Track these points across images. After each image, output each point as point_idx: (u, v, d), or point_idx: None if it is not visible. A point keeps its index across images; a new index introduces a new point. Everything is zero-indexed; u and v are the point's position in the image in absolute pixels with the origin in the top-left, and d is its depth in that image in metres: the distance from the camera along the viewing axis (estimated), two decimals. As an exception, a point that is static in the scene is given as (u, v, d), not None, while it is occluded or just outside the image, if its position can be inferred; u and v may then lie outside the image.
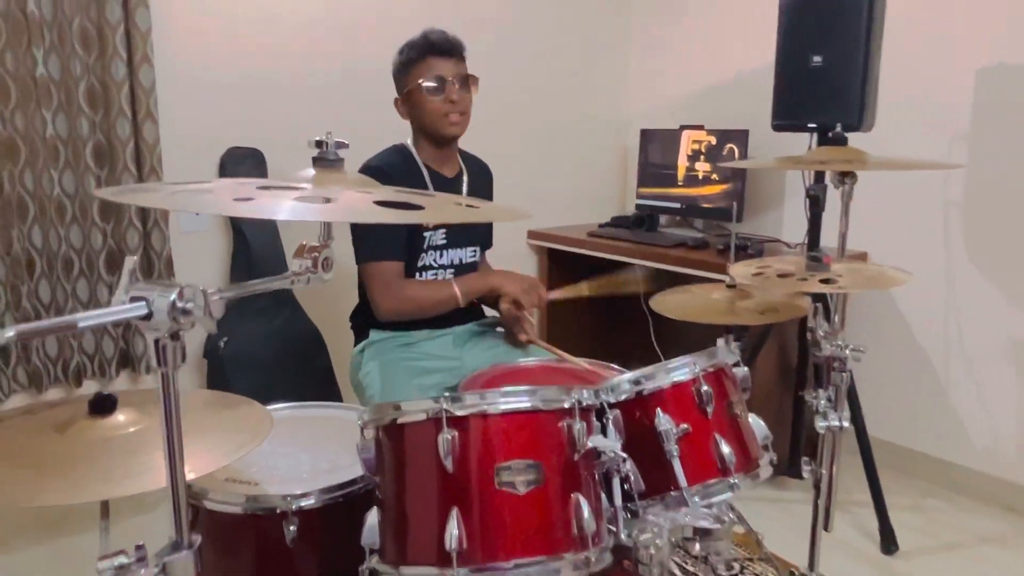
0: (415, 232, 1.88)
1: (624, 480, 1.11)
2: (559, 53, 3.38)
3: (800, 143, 2.48)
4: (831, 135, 1.40)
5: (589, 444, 1.06)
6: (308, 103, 2.69)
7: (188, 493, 1.26)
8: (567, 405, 1.04)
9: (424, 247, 1.92)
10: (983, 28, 2.47)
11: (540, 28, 3.29)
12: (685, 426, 1.14)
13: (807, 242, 2.43)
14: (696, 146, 3.12)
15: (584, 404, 1.07)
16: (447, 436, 0.98)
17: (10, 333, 0.59)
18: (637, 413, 1.18)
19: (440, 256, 1.94)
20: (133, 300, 0.66)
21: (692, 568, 1.54)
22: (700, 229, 3.26)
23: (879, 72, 2.30)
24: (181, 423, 0.73)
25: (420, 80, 1.84)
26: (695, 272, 2.68)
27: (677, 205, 3.21)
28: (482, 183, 2.11)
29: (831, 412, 1.42)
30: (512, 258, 2.35)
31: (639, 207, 3.32)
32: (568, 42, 3.40)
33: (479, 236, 2.07)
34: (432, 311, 1.89)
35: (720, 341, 1.98)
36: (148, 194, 0.71)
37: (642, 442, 1.16)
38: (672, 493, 1.14)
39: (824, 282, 1.22)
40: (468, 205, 0.89)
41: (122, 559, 0.77)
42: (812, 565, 1.69)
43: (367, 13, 2.78)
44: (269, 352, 2.56)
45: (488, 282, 1.92)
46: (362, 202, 0.73)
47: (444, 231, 1.92)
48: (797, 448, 2.63)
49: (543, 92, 3.35)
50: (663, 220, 3.34)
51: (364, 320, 1.96)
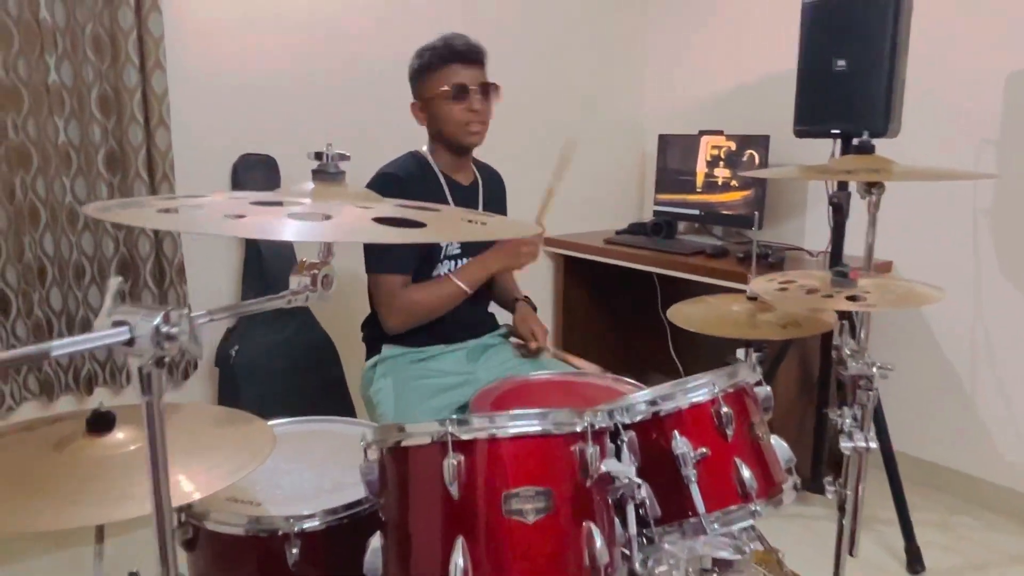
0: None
1: (639, 505, 1.06)
2: (575, 56, 3.33)
3: (823, 149, 2.43)
4: (858, 143, 1.35)
5: (603, 468, 1.01)
6: (322, 109, 2.67)
7: (189, 513, 1.24)
8: (579, 429, 0.99)
9: (440, 257, 1.88)
10: (1014, 30, 2.39)
11: (555, 31, 3.25)
12: (704, 450, 1.09)
13: (830, 251, 2.38)
14: (715, 152, 3.06)
15: (597, 427, 1.02)
16: (452, 461, 0.93)
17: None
18: (653, 434, 1.13)
19: (455, 265, 1.90)
20: (116, 324, 0.62)
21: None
22: (719, 237, 3.20)
23: (905, 76, 2.23)
24: (167, 453, 0.69)
25: (441, 87, 1.79)
26: (714, 281, 2.63)
27: (696, 212, 3.16)
28: (496, 191, 2.07)
29: (857, 432, 1.36)
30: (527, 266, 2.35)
31: (657, 214, 3.27)
32: (584, 45, 3.35)
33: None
34: (442, 310, 1.85)
35: (740, 352, 1.92)
36: (134, 211, 0.68)
37: (658, 465, 1.11)
38: (690, 519, 1.09)
39: (851, 299, 1.16)
40: (478, 221, 0.84)
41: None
42: (836, 587, 1.63)
43: (381, 18, 2.74)
44: (281, 362, 2.53)
45: (487, 266, 1.87)
46: (360, 220, 0.69)
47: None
48: (819, 463, 2.56)
49: (559, 96, 3.30)
50: (681, 227, 3.28)
51: (376, 332, 1.92)
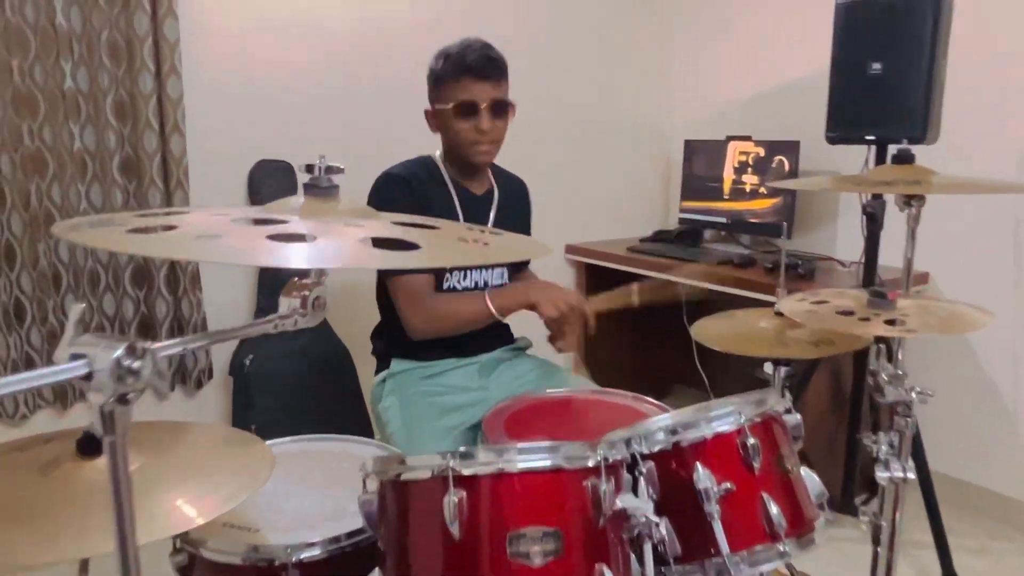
0: None
1: (657, 543, 0.98)
2: (599, 60, 3.25)
3: (856, 155, 2.33)
4: (897, 153, 1.26)
5: (618, 505, 0.93)
6: (340, 115, 2.62)
7: (184, 538, 1.19)
8: (591, 464, 0.91)
9: (448, 267, 1.81)
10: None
11: (579, 34, 3.17)
12: (728, 485, 1.01)
13: (863, 262, 2.28)
14: (743, 158, 2.97)
15: (612, 461, 0.95)
16: (454, 498, 0.86)
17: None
18: (673, 464, 1.06)
19: (464, 277, 1.83)
20: (74, 357, 0.56)
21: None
22: (747, 245, 3.10)
23: (945, 80, 2.13)
24: (132, 498, 0.63)
25: (450, 103, 1.70)
26: (741, 292, 2.54)
27: (723, 220, 3.06)
28: (515, 202, 1.97)
29: (894, 460, 1.27)
30: (548, 273, 2.27)
31: (682, 221, 3.18)
32: (609, 49, 3.28)
33: None
34: (467, 327, 1.77)
35: (768, 366, 1.83)
36: (103, 231, 0.62)
37: (679, 498, 1.03)
38: (713, 559, 1.01)
39: (889, 323, 1.07)
40: (480, 241, 0.77)
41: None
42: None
43: (399, 23, 2.69)
44: (295, 371, 2.49)
45: (528, 297, 1.75)
46: (348, 241, 0.63)
47: None
48: (851, 483, 2.46)
49: (582, 100, 3.23)
50: (707, 235, 3.20)
51: (385, 344, 1.87)
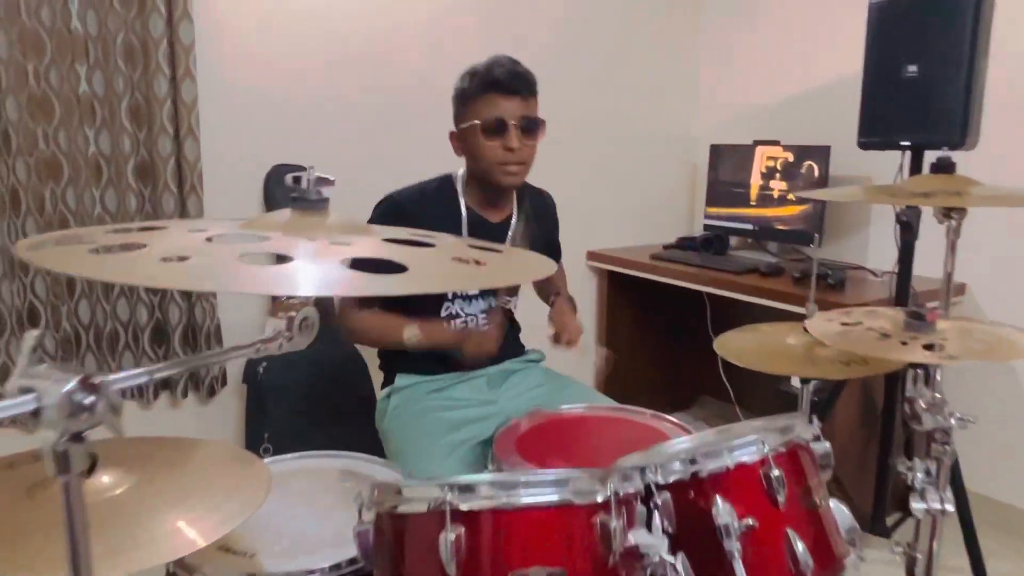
0: None
1: (673, 581, 0.91)
2: (623, 63, 3.18)
3: (889, 161, 2.22)
4: (936, 161, 1.18)
5: (630, 541, 0.87)
6: (357, 120, 2.58)
7: (179, 564, 1.14)
8: (600, 499, 0.85)
9: (449, 295, 1.70)
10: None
11: (604, 38, 3.10)
12: (750, 521, 0.93)
13: (897, 272, 2.18)
14: (771, 163, 2.88)
15: (624, 495, 0.88)
16: (451, 535, 0.80)
17: None
18: (691, 495, 0.99)
19: (468, 304, 1.72)
20: (22, 391, 0.51)
21: None
22: (774, 253, 3.00)
23: (985, 82, 2.03)
24: (88, 540, 0.57)
25: (476, 120, 1.60)
26: (768, 303, 2.45)
27: (749, 227, 2.97)
28: (538, 221, 1.85)
29: (931, 490, 1.18)
30: (570, 280, 2.21)
31: (708, 228, 3.09)
32: (633, 51, 3.20)
33: None
34: (380, 345, 1.82)
35: (795, 381, 1.75)
36: (62, 252, 0.57)
37: (696, 533, 0.96)
38: (733, 600, 0.94)
39: (928, 348, 0.99)
40: (475, 260, 0.71)
41: None
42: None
43: (420, 29, 2.63)
44: (310, 379, 2.45)
45: (442, 342, 1.65)
46: (329, 262, 0.57)
47: None
48: (882, 502, 2.35)
49: (606, 104, 3.15)
50: (734, 242, 3.11)
51: (389, 357, 1.82)
